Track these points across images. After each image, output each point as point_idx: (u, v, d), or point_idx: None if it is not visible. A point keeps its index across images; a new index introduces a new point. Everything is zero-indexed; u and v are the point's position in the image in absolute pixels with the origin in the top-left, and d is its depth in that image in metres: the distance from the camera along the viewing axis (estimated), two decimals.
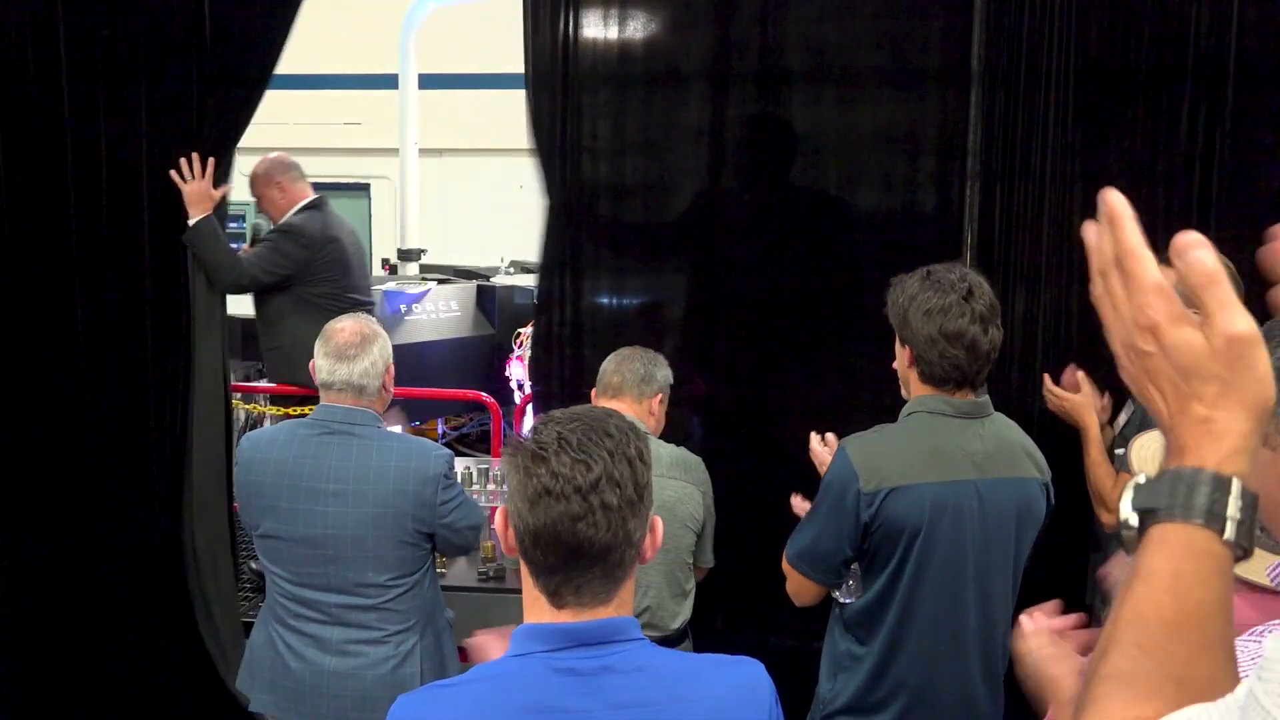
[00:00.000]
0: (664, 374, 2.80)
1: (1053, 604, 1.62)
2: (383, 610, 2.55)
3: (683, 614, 2.76)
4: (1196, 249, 0.79)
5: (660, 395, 2.81)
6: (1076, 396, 2.92)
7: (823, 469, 2.52)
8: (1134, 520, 0.84)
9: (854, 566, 2.28)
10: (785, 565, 2.34)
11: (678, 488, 2.71)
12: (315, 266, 4.21)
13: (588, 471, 1.28)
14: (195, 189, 3.46)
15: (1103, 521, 2.72)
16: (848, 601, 2.31)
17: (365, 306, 4.29)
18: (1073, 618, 1.60)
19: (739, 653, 1.46)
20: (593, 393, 2.85)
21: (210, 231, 3.60)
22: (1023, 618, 1.66)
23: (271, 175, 4.32)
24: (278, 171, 4.34)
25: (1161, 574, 0.80)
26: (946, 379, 2.19)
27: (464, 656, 2.82)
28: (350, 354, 2.56)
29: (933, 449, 2.19)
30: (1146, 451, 1.86)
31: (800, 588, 2.33)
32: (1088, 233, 0.88)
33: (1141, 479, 0.85)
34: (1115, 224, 0.84)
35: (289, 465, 2.55)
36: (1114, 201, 0.85)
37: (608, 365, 2.80)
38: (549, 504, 1.28)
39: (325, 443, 2.55)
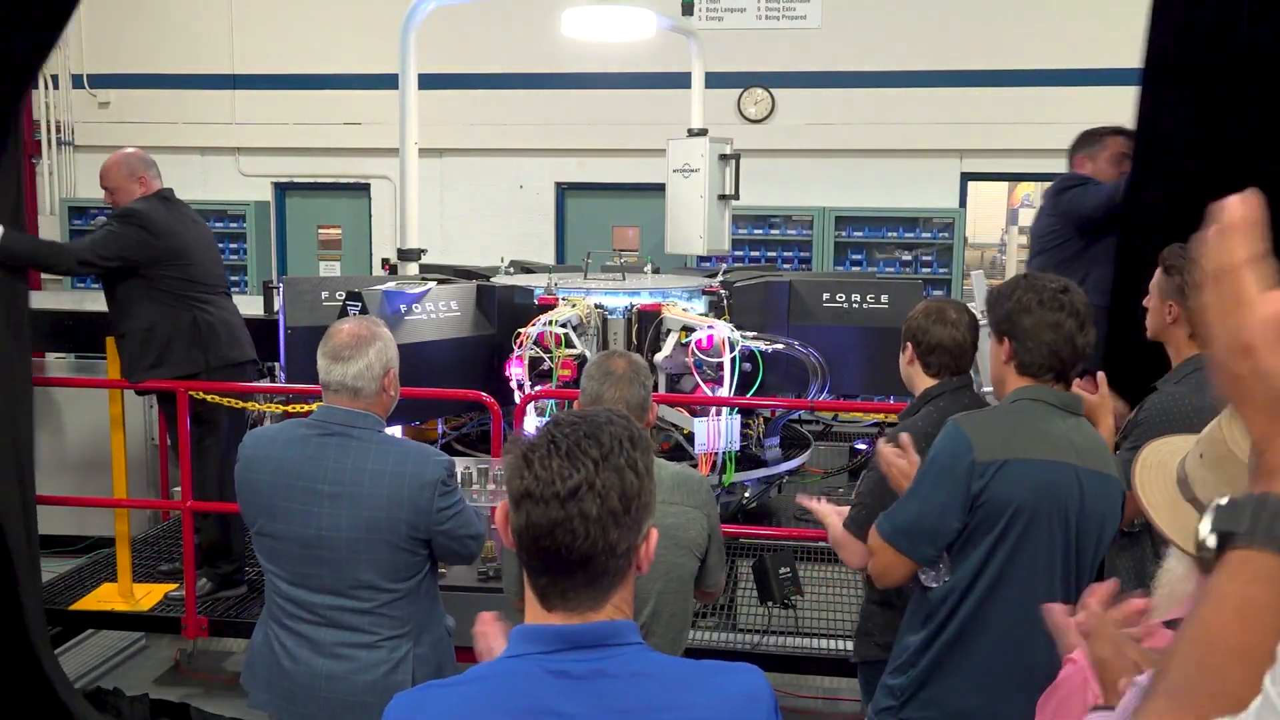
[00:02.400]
0: (650, 380, 2.65)
1: (1110, 584, 1.62)
2: (376, 615, 2.54)
3: (682, 644, 2.62)
4: None
5: (654, 409, 2.72)
6: (1094, 398, 2.95)
7: (892, 470, 2.48)
8: (1212, 541, 0.83)
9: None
10: (876, 541, 2.34)
11: (679, 513, 2.53)
12: (160, 253, 4.32)
13: (568, 478, 1.27)
14: None
15: None
16: (934, 586, 2.31)
17: (218, 293, 4.53)
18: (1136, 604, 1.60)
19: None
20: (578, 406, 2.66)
21: (11, 237, 3.82)
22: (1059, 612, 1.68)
23: (135, 170, 4.44)
24: (141, 167, 4.47)
25: (1231, 598, 0.80)
26: (1046, 367, 2.29)
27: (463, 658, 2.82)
28: (345, 355, 2.55)
29: (1041, 430, 2.28)
30: (1153, 458, 1.86)
31: (889, 566, 2.33)
32: (1203, 241, 0.85)
33: (1224, 501, 0.83)
34: (1224, 237, 0.82)
35: (287, 465, 2.54)
36: (1230, 212, 0.82)
37: (601, 391, 2.51)
38: (529, 507, 1.28)
39: (323, 443, 2.54)
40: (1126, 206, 3.51)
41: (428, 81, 5.56)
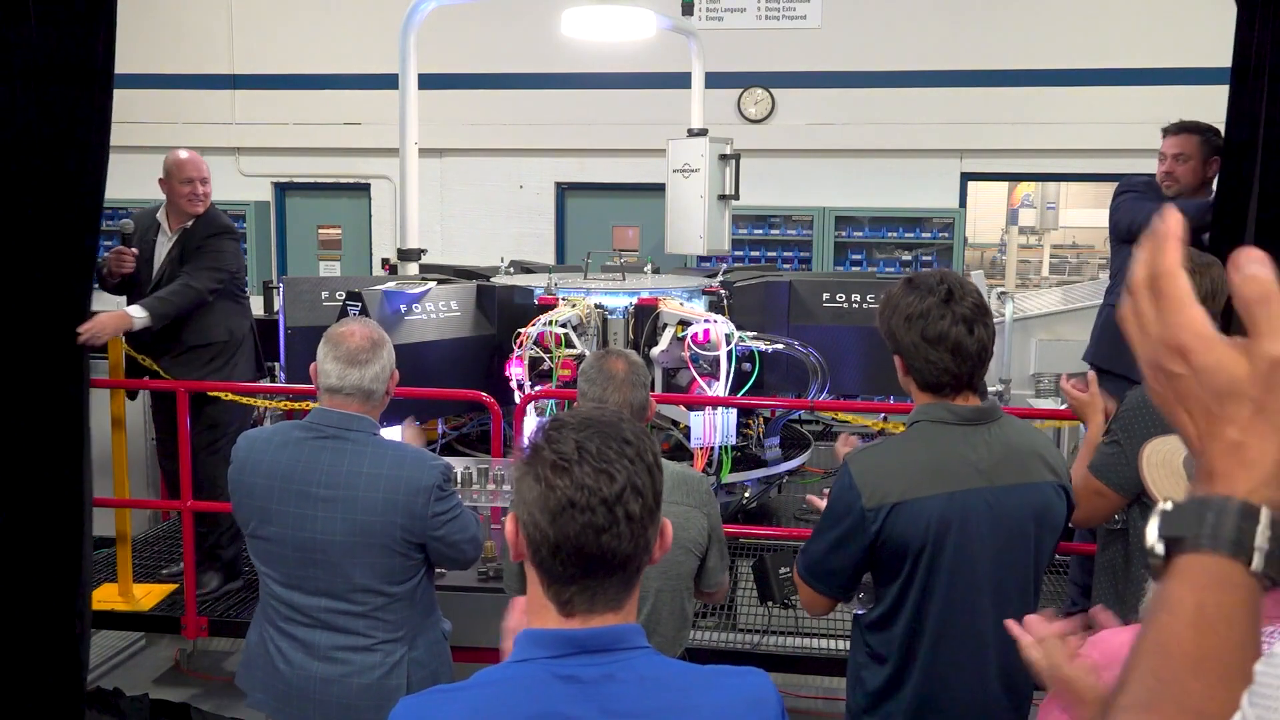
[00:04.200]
0: (649, 379, 2.63)
1: (1047, 612, 1.62)
2: (371, 618, 2.53)
3: (682, 643, 2.64)
4: (1254, 264, 0.77)
5: (653, 406, 2.68)
6: (1083, 396, 2.98)
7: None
8: (1160, 548, 0.81)
9: (866, 577, 2.26)
10: (796, 578, 2.34)
11: (680, 512, 2.53)
12: (242, 261, 4.62)
13: (611, 483, 1.26)
14: (111, 320, 3.82)
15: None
16: (861, 613, 2.30)
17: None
18: (1070, 622, 1.60)
19: None
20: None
21: (158, 312, 4.13)
22: (1018, 630, 1.66)
23: (204, 170, 4.59)
24: (206, 168, 4.61)
25: (1185, 605, 0.78)
26: (940, 384, 2.19)
27: (459, 657, 2.82)
28: (363, 359, 2.53)
29: (936, 460, 2.17)
30: (1156, 457, 1.86)
31: (812, 600, 2.32)
32: (1138, 250, 0.85)
33: (1169, 505, 0.82)
34: (1160, 244, 0.82)
35: (281, 468, 2.53)
36: (1166, 222, 0.83)
37: (605, 395, 2.50)
38: (573, 516, 1.26)
39: (319, 447, 2.53)
40: (1217, 209, 3.49)
41: (428, 81, 5.56)
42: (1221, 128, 3.71)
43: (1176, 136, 4.16)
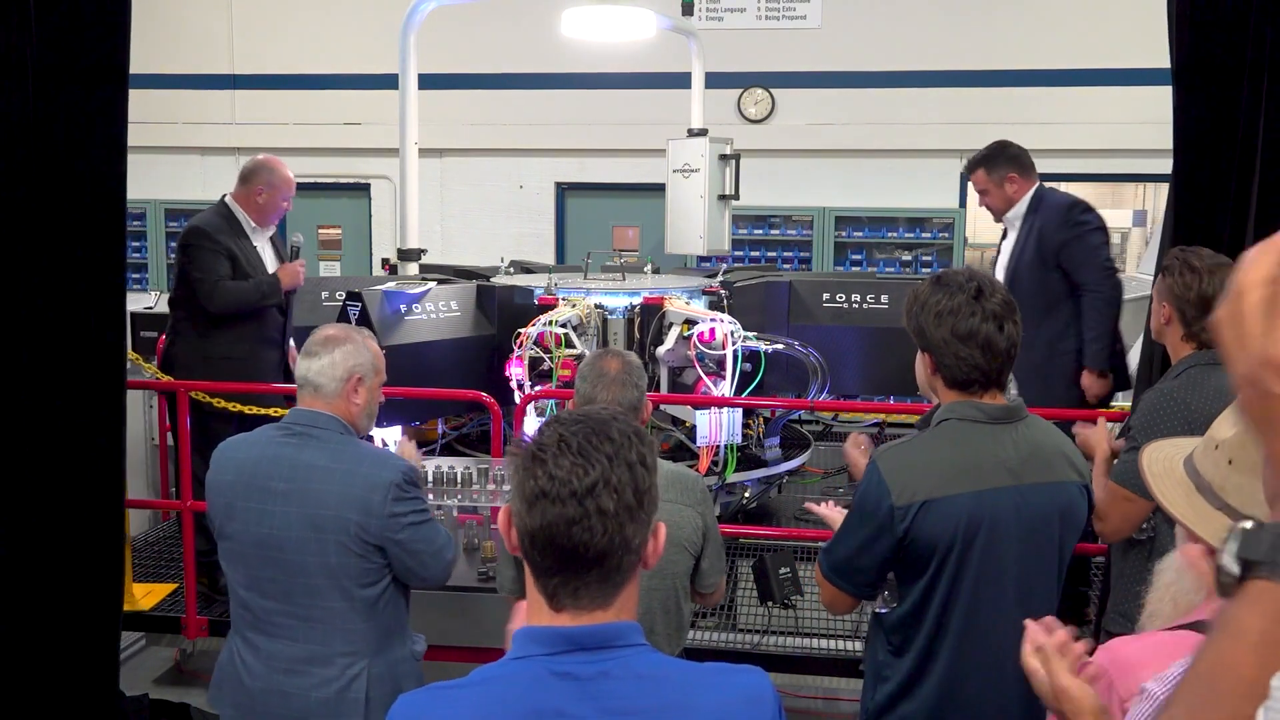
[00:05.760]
0: (644, 380, 2.64)
1: (1049, 620, 1.61)
2: (328, 625, 2.48)
3: (678, 645, 2.63)
4: None
5: (649, 407, 2.67)
6: (1087, 431, 3.02)
7: (854, 469, 2.52)
8: (1233, 568, 0.79)
9: (889, 576, 2.26)
10: (819, 576, 2.32)
11: (673, 511, 2.51)
12: None
13: (584, 475, 1.27)
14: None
15: (1095, 530, 2.76)
16: (884, 611, 2.29)
17: None
18: (1067, 632, 1.60)
19: None
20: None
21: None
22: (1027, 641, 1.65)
23: None
24: None
25: (1249, 632, 0.76)
26: (969, 381, 2.19)
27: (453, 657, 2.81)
28: (313, 350, 2.58)
29: (966, 458, 2.17)
30: (1157, 466, 1.85)
31: (834, 599, 2.31)
32: (1250, 252, 0.78)
33: (1249, 525, 0.79)
34: (1273, 250, 0.76)
35: (249, 464, 2.53)
36: None
37: (594, 393, 2.52)
38: (545, 506, 1.28)
39: (285, 443, 2.53)
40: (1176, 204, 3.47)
41: (428, 81, 5.56)
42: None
43: (971, 176, 4.58)
